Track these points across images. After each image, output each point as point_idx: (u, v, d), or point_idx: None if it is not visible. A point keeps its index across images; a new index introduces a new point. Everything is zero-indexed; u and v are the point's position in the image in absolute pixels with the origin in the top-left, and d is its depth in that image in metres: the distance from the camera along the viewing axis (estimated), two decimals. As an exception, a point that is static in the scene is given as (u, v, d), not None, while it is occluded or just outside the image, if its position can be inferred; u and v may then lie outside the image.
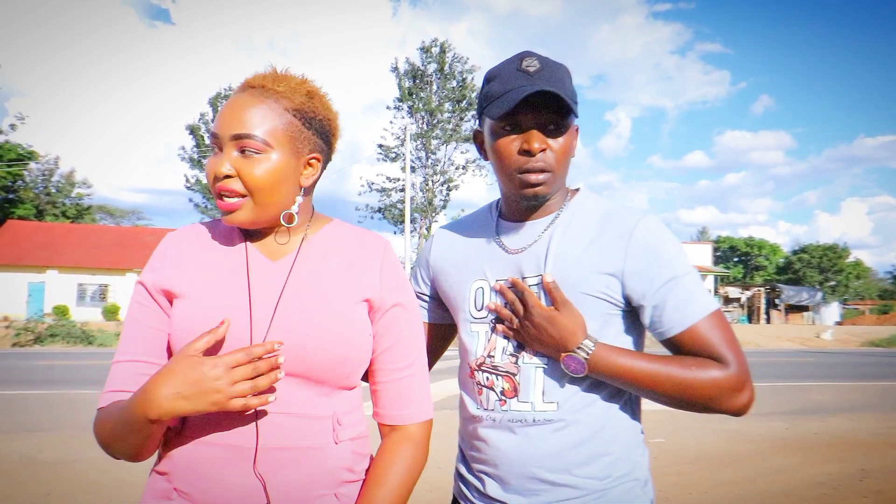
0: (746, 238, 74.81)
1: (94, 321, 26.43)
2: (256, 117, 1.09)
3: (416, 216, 36.98)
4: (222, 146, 1.10)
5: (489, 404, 1.30)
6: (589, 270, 1.24)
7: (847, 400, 9.46)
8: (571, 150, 1.29)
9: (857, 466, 5.44)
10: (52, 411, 7.58)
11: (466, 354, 1.36)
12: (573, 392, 1.25)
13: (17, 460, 5.24)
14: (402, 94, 37.42)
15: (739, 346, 1.22)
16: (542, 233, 1.30)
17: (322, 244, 1.21)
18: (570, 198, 1.34)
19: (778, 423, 7.35)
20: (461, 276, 1.38)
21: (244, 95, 1.12)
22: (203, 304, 1.11)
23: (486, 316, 1.32)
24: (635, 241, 1.23)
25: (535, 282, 1.28)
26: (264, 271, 1.15)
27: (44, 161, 44.99)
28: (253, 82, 1.13)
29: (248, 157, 1.09)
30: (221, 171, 1.08)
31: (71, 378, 10.49)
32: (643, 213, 1.26)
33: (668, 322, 1.22)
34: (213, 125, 1.12)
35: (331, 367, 1.10)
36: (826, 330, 31.60)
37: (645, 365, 1.19)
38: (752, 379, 1.21)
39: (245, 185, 1.09)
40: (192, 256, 1.17)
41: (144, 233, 39.42)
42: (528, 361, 1.26)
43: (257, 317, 1.10)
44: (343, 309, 1.13)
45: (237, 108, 1.10)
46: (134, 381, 1.09)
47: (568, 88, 1.24)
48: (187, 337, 1.06)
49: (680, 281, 1.21)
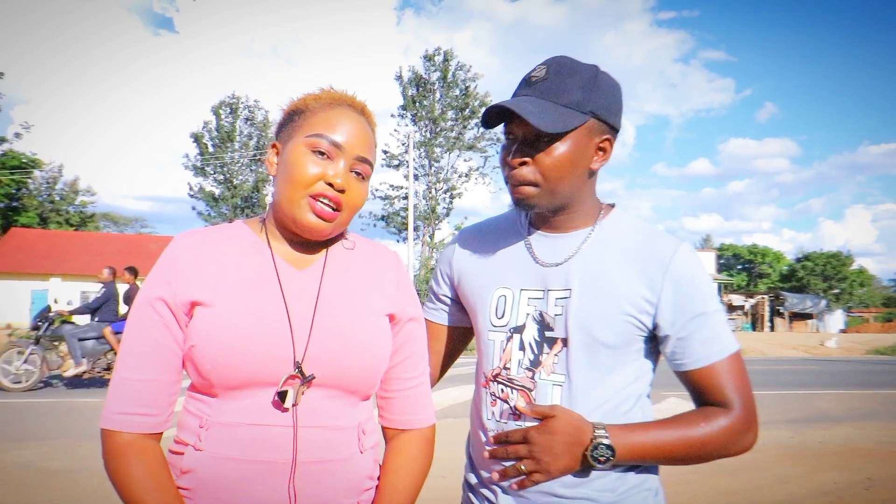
0: (750, 245, 74.71)
1: (98, 329, 26.41)
2: (372, 146, 1.18)
3: (419, 224, 36.98)
4: (338, 157, 1.13)
5: (502, 416, 1.29)
6: (624, 293, 1.23)
7: (852, 408, 9.41)
8: (573, 161, 1.22)
9: (863, 475, 5.42)
10: (59, 419, 7.58)
11: (483, 362, 1.35)
12: (592, 408, 1.24)
13: (21, 469, 5.24)
14: (405, 102, 37.53)
15: (750, 388, 1.23)
16: (577, 250, 1.28)
17: (343, 256, 1.23)
18: (605, 215, 1.32)
19: (783, 431, 7.32)
20: (484, 281, 1.36)
21: (362, 119, 1.18)
22: (234, 314, 1.07)
23: (506, 325, 1.31)
24: (673, 271, 1.22)
25: (562, 295, 1.26)
26: (293, 281, 1.15)
27: (48, 169, 45.23)
28: (356, 104, 1.20)
29: (359, 179, 1.16)
30: (338, 181, 1.11)
31: (76, 386, 10.48)
32: (680, 242, 1.25)
33: (690, 356, 1.22)
34: (327, 129, 1.13)
35: (362, 378, 1.13)
36: (830, 338, 31.45)
37: (659, 435, 1.19)
38: (758, 418, 1.24)
39: (348, 203, 1.14)
40: (212, 262, 1.13)
41: (148, 240, 39.48)
42: (546, 378, 1.25)
43: (295, 331, 1.09)
44: (371, 321, 1.16)
45: (362, 129, 1.17)
46: (164, 402, 1.08)
47: (570, 97, 1.19)
48: (215, 351, 1.05)
49: (710, 318, 1.22)
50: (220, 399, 1.08)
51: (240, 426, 1.06)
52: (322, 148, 1.12)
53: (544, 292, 1.28)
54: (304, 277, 1.16)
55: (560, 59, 1.25)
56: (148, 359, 1.09)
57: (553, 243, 1.31)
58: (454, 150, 37.65)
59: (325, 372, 1.09)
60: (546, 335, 1.27)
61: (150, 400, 1.08)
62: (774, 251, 74.25)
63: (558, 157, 1.21)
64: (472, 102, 37.39)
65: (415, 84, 37.74)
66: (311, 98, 1.19)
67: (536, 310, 1.29)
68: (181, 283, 1.10)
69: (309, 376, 1.08)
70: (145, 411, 1.07)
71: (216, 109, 41.59)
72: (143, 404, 1.07)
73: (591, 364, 1.24)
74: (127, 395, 1.08)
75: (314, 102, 1.18)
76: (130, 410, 1.07)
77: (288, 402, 1.06)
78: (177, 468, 1.09)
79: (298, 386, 1.07)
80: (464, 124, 37.66)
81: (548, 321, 1.27)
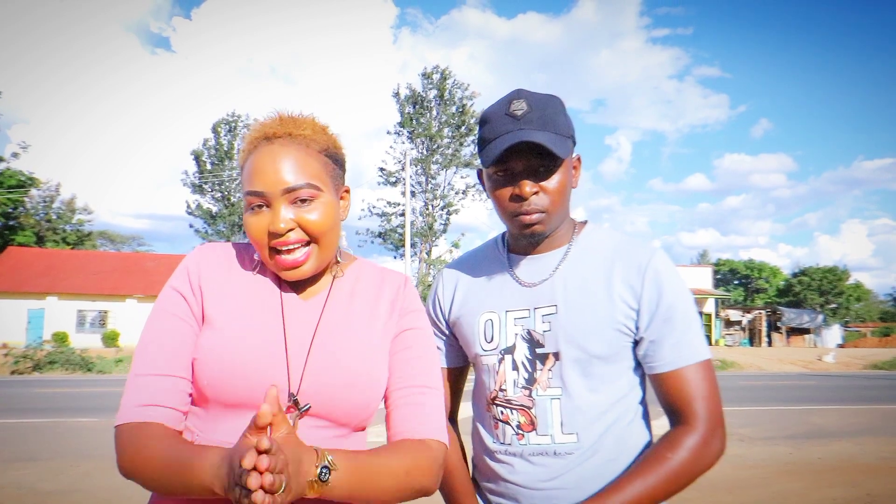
0: (747, 261, 74.90)
1: (94, 348, 26.31)
2: (299, 165, 1.10)
3: (416, 241, 37.01)
4: (270, 203, 1.09)
5: (506, 438, 1.31)
6: (607, 302, 1.26)
7: (851, 423, 9.38)
8: (568, 185, 1.30)
9: (863, 491, 5.39)
10: (52, 440, 7.52)
11: (482, 388, 1.38)
12: (592, 420, 1.26)
13: (16, 490, 5.19)
14: (402, 120, 37.72)
15: (718, 397, 1.25)
16: (557, 267, 1.32)
17: (350, 284, 1.22)
18: (579, 231, 1.37)
19: (782, 447, 7.29)
20: (471, 309, 1.39)
21: (275, 147, 1.10)
22: (236, 337, 1.09)
23: (496, 347, 1.34)
24: (650, 274, 1.26)
25: (548, 311, 1.29)
26: (296, 310, 1.15)
27: (45, 188, 45.22)
28: (275, 132, 1.12)
29: (303, 205, 1.10)
30: (280, 227, 1.07)
31: (70, 406, 10.42)
32: (655, 248, 1.30)
33: (660, 358, 1.25)
34: (248, 184, 1.10)
35: (355, 411, 1.11)
36: (828, 353, 31.42)
37: (634, 489, 1.18)
38: (724, 427, 1.24)
39: (308, 232, 1.10)
40: (223, 281, 1.15)
41: (145, 259, 39.45)
42: (543, 394, 1.28)
43: (291, 358, 1.09)
44: (370, 352, 1.15)
45: (276, 161, 1.09)
46: (179, 400, 1.07)
47: (559, 125, 1.26)
48: (214, 368, 1.06)
49: (681, 322, 1.25)
50: (213, 417, 1.08)
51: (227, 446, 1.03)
52: (254, 204, 1.10)
53: (530, 311, 1.31)
54: (307, 307, 1.16)
55: (527, 92, 1.29)
56: (167, 355, 1.09)
57: (534, 264, 1.35)
58: (451, 167, 37.80)
59: (317, 401, 1.08)
60: (537, 352, 1.29)
61: (170, 393, 1.07)
62: (771, 266, 74.40)
63: (560, 182, 1.27)
64: (468, 120, 37.59)
65: (412, 102, 37.96)
66: (242, 148, 1.17)
67: (524, 328, 1.31)
68: (199, 294, 1.12)
69: (304, 407, 1.07)
70: (166, 403, 1.06)
71: (215, 127, 41.79)
72: (163, 397, 1.06)
73: (584, 375, 1.26)
74: (146, 389, 1.07)
75: (242, 154, 1.15)
76: (150, 402, 1.05)
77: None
78: None
79: (295, 416, 1.07)
80: (460, 141, 37.85)
81: (537, 338, 1.29)
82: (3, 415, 9.44)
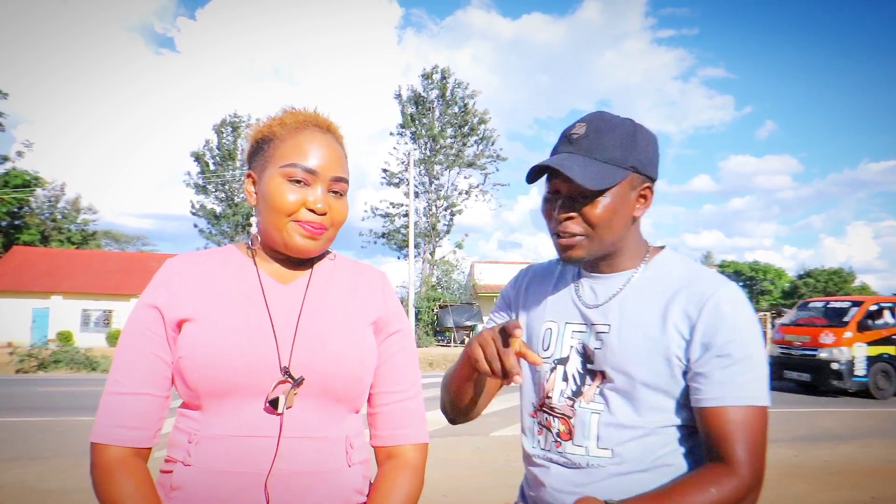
0: (752, 262, 74.66)
1: (98, 347, 26.40)
2: (344, 162, 1.22)
3: (419, 241, 37.06)
4: (312, 183, 1.16)
5: (546, 444, 1.32)
6: (660, 330, 1.22)
7: (856, 426, 9.35)
8: (617, 213, 1.25)
9: (869, 494, 5.36)
10: (55, 438, 7.53)
11: (530, 393, 1.38)
12: (628, 440, 1.23)
13: (19, 489, 5.20)
14: (405, 120, 37.76)
15: (764, 451, 1.16)
16: (619, 290, 1.30)
17: (327, 271, 1.26)
18: (651, 257, 1.33)
19: (786, 450, 7.25)
20: (535, 315, 1.41)
21: (328, 137, 1.21)
22: (221, 325, 1.11)
23: (551, 356, 1.34)
24: (710, 306, 1.19)
25: (602, 329, 1.28)
26: (278, 294, 1.18)
27: (50, 187, 45.37)
28: (326, 124, 1.23)
29: (337, 197, 1.20)
30: (319, 206, 1.15)
31: (74, 404, 10.44)
32: (725, 282, 1.24)
33: (706, 392, 1.18)
34: (300, 158, 1.16)
35: (347, 388, 1.14)
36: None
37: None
38: (762, 484, 1.16)
39: (332, 221, 1.19)
40: (201, 281, 1.17)
41: (149, 258, 39.52)
42: (585, 406, 1.27)
43: (279, 336, 1.12)
44: (355, 332, 1.18)
45: (330, 149, 1.19)
46: (147, 418, 1.10)
47: (609, 153, 1.23)
48: (204, 359, 1.08)
49: (737, 362, 1.17)
50: (208, 412, 1.10)
51: (227, 438, 1.08)
52: (298, 177, 1.15)
53: (588, 326, 1.31)
54: (288, 291, 1.20)
55: (599, 115, 1.28)
56: (139, 373, 1.12)
57: (598, 284, 1.34)
58: (454, 168, 37.85)
59: (309, 380, 1.10)
60: (588, 367, 1.29)
61: (140, 413, 1.10)
62: (776, 268, 74.15)
63: (602, 209, 1.24)
64: (470, 119, 37.65)
65: (413, 102, 38.00)
66: (276, 123, 1.20)
67: (580, 342, 1.31)
68: (172, 302, 1.14)
69: (298, 378, 1.10)
70: (135, 424, 1.09)
71: (218, 128, 41.95)
72: (133, 417, 1.09)
73: (629, 398, 1.23)
74: (117, 409, 1.10)
75: (280, 128, 1.19)
76: (120, 423, 1.09)
77: (280, 406, 1.08)
78: (167, 487, 1.10)
79: (289, 389, 1.10)
80: (463, 141, 37.90)
81: (590, 354, 1.29)
82: (6, 413, 9.47)
